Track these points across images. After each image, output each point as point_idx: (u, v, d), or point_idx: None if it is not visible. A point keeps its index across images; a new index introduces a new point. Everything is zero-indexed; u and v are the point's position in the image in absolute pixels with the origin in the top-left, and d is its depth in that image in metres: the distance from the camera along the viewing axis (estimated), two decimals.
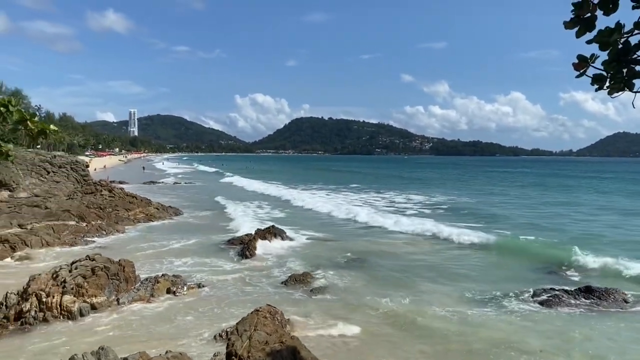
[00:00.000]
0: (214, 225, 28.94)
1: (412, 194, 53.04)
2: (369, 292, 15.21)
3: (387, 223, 26.73)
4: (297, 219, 31.80)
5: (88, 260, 14.27)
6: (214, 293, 15.00)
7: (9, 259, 18.78)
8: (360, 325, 12.11)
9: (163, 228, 27.96)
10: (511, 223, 30.12)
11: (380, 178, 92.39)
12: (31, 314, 11.71)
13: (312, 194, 53.15)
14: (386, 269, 18.39)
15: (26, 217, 25.54)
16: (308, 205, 37.92)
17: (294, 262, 19.27)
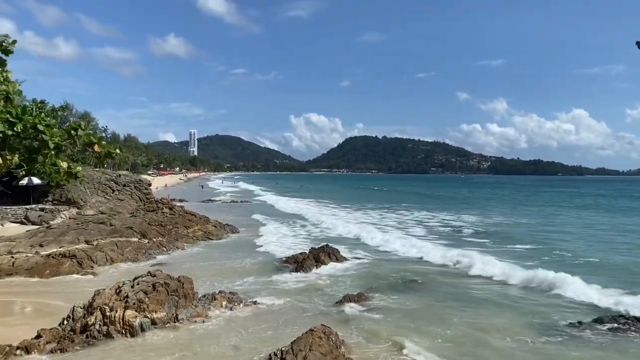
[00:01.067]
0: (268, 243, 29.23)
1: (466, 214, 51.70)
2: (426, 315, 14.80)
3: (435, 257, 24.66)
4: (350, 239, 31.66)
5: (149, 276, 14.72)
6: (268, 311, 15.07)
7: (76, 274, 19.68)
8: (417, 349, 11.79)
9: (220, 246, 28.53)
10: (574, 258, 24.82)
11: (434, 198, 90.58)
12: (96, 327, 12.16)
13: (364, 212, 52.88)
14: (443, 293, 17.83)
15: (92, 233, 26.76)
16: (358, 233, 37.41)
17: (348, 282, 19.10)
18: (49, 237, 25.46)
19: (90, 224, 29.26)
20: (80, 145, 5.44)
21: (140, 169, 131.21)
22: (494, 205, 71.52)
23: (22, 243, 24.12)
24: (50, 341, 11.71)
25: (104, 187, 42.77)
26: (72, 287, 17.83)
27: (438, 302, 16.39)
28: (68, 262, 20.36)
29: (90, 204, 39.05)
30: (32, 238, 25.52)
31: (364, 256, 24.94)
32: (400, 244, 28.59)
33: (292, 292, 17.67)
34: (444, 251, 25.54)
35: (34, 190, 37.52)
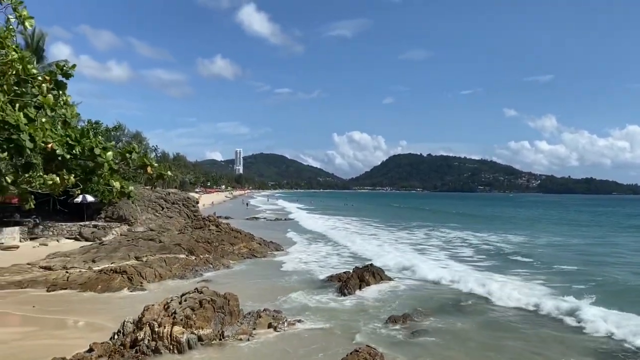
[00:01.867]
0: (312, 262, 29.23)
1: (513, 234, 50.12)
2: (475, 340, 14.37)
3: (479, 281, 23.38)
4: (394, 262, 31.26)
5: (196, 293, 14.98)
6: (312, 330, 15.01)
7: (127, 290, 20.25)
8: None
9: (264, 263, 28.75)
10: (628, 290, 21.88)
11: (481, 218, 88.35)
12: (145, 342, 12.43)
13: (409, 232, 52.21)
14: (489, 319, 17.20)
15: (142, 249, 27.53)
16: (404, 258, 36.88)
17: (393, 303, 18.80)
18: (101, 253, 26.38)
19: (140, 241, 30.14)
20: (133, 167, 5.64)
21: (188, 187, 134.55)
22: (542, 225, 68.93)
23: (76, 258, 25.08)
24: (102, 355, 12.04)
25: (153, 205, 44.13)
26: (122, 302, 18.35)
27: (485, 329, 15.91)
28: (119, 277, 20.98)
29: (141, 221, 40.30)
30: (85, 254, 26.51)
31: (409, 277, 24.52)
32: (444, 266, 27.99)
33: (335, 311, 17.55)
34: (488, 275, 24.77)
35: (88, 208, 39.08)
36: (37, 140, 4.71)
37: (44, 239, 33.15)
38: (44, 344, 12.99)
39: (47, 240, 32.89)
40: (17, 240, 31.65)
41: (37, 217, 35.72)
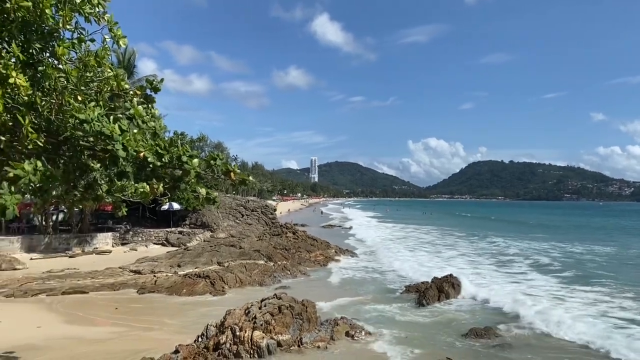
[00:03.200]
0: (389, 271, 28.85)
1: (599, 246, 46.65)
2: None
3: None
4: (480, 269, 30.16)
5: (275, 299, 15.24)
6: (390, 341, 14.77)
7: (209, 294, 21.00)
8: None
9: (340, 271, 28.74)
10: None
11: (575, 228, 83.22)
12: (226, 346, 12.79)
13: (490, 242, 50.19)
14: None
15: (224, 255, 28.51)
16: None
17: (475, 315, 18.11)
18: (186, 258, 27.62)
19: (222, 247, 31.24)
20: (218, 173, 5.83)
21: (266, 195, 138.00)
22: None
23: (163, 263, 26.42)
24: (187, 357, 12.52)
25: (234, 212, 45.64)
26: (205, 306, 19.04)
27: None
28: (202, 282, 21.83)
29: (222, 227, 41.78)
30: (171, 259, 27.87)
31: (489, 289, 23.52)
32: (524, 280, 26.59)
33: (414, 322, 17.18)
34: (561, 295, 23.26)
35: (174, 215, 41.12)
36: (129, 149, 4.97)
37: (133, 244, 35.24)
38: (134, 344, 13.73)
39: (136, 245, 34.94)
40: (110, 246, 33.86)
41: (128, 224, 38.07)
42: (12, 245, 29.40)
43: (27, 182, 4.20)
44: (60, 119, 5.00)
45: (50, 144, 5.26)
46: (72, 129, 4.96)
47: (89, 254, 30.77)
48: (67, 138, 5.16)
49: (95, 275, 22.86)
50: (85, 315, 16.98)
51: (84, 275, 22.77)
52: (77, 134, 5.02)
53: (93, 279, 22.20)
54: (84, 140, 5.11)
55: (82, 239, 32.81)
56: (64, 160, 5.62)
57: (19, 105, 4.45)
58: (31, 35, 4.58)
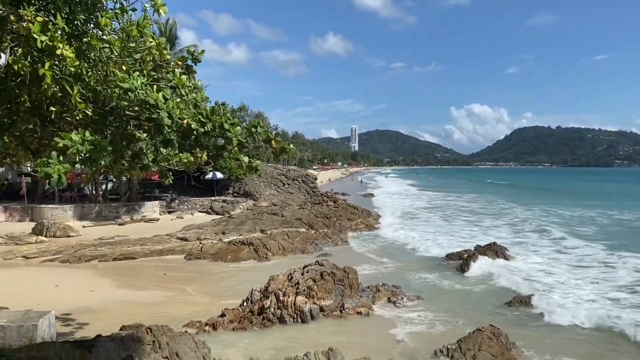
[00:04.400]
0: (432, 239, 28.69)
1: None
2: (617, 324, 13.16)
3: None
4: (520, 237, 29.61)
5: (317, 265, 15.46)
6: (432, 307, 14.78)
7: (253, 260, 21.51)
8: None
9: (381, 239, 28.78)
10: None
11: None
12: (271, 310, 13.14)
13: (544, 210, 48.99)
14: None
15: (266, 223, 29.02)
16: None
17: (518, 283, 17.80)
18: (230, 226, 28.28)
19: (265, 215, 31.78)
20: (259, 141, 5.86)
21: (307, 164, 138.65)
22: None
23: (208, 230, 27.16)
24: (233, 320, 12.96)
25: (275, 181, 46.20)
26: (249, 271, 19.54)
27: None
28: (246, 249, 22.35)
29: (264, 196, 42.42)
30: (216, 226, 28.60)
31: (535, 255, 23.11)
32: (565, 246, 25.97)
33: (456, 289, 17.14)
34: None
35: (217, 184, 41.97)
36: (174, 117, 5.06)
37: (179, 212, 36.29)
38: (182, 307, 14.28)
39: (182, 213, 35.97)
40: (157, 214, 35.00)
41: (174, 193, 39.17)
42: (65, 214, 30.81)
43: (76, 152, 4.33)
44: (106, 90, 5.12)
45: (97, 114, 5.41)
46: (117, 99, 5.07)
47: (138, 221, 31.91)
48: (113, 108, 5.28)
49: (144, 242, 23.75)
50: (135, 281, 17.75)
51: (133, 242, 23.69)
52: (123, 104, 5.13)
53: (142, 246, 23.08)
54: (130, 110, 5.23)
55: (131, 207, 34.01)
56: (110, 130, 5.78)
57: (67, 77, 4.57)
58: (75, 7, 4.65)
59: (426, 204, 54.71)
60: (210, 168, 7.30)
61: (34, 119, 5.24)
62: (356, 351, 10.44)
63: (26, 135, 5.93)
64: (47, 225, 25.98)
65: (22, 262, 20.43)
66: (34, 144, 6.17)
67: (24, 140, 6.04)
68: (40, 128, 5.57)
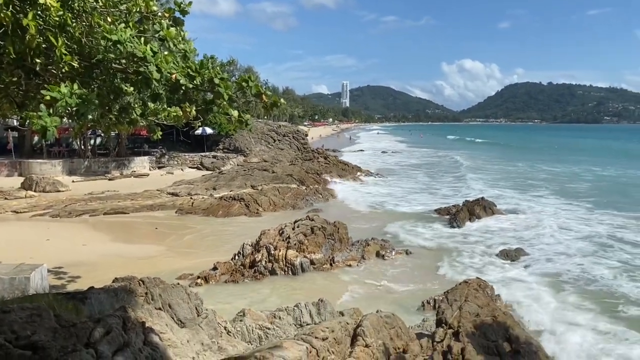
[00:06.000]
0: (419, 193, 29.00)
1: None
2: (601, 279, 13.56)
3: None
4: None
5: (308, 220, 15.65)
6: (420, 260, 15.15)
7: (244, 215, 21.68)
8: (571, 306, 10.98)
9: (372, 193, 29.03)
10: None
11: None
12: (262, 263, 13.38)
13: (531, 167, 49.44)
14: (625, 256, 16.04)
15: (257, 179, 29.08)
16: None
17: (505, 237, 18.25)
18: (220, 182, 28.32)
19: (255, 171, 31.80)
20: (250, 96, 5.80)
21: (297, 121, 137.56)
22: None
23: (199, 186, 27.19)
24: (225, 273, 13.20)
25: (266, 137, 45.97)
26: (241, 226, 19.72)
27: (613, 265, 14.92)
28: (237, 204, 22.46)
29: (255, 152, 42.32)
30: (207, 182, 28.63)
31: (521, 211, 23.52)
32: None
33: (444, 243, 17.47)
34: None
35: (207, 139, 41.71)
36: (163, 71, 4.98)
37: (169, 167, 36.18)
38: (175, 261, 14.49)
39: (172, 169, 35.87)
40: (147, 169, 34.88)
41: (163, 148, 38.93)
42: (54, 169, 30.59)
43: (64, 105, 4.27)
44: (91, 41, 5.00)
45: (83, 67, 5.31)
46: (104, 51, 4.97)
47: (127, 177, 31.82)
48: (100, 61, 5.18)
49: (134, 197, 23.77)
50: (127, 235, 17.87)
51: (123, 197, 23.70)
52: (109, 56, 5.02)
53: (133, 201, 23.11)
54: (117, 63, 5.13)
55: (120, 162, 33.83)
56: (97, 83, 5.69)
57: (51, 27, 4.45)
58: None
59: (416, 161, 54.99)
60: (199, 123, 7.25)
61: (18, 71, 5.14)
62: (345, 302, 10.74)
63: (11, 88, 5.82)
64: (36, 180, 25.82)
65: (13, 216, 20.42)
66: (19, 97, 6.07)
67: (8, 93, 5.93)
68: (24, 80, 5.46)
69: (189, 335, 5.97)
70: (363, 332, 6.71)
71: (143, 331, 4.61)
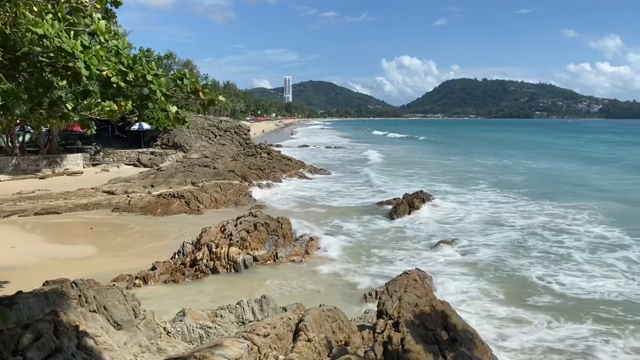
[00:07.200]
0: (359, 187, 29.49)
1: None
2: (525, 266, 14.32)
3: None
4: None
5: (251, 217, 15.56)
6: (362, 253, 15.42)
7: (185, 213, 21.24)
8: (506, 299, 11.58)
9: (314, 188, 29.23)
10: None
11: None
12: (203, 262, 13.18)
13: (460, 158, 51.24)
14: (551, 243, 16.97)
15: (198, 175, 28.54)
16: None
17: (443, 228, 18.92)
18: (159, 179, 27.57)
19: (196, 167, 31.19)
20: (186, 92, 5.70)
21: (239, 116, 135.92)
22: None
23: (136, 184, 26.36)
24: (164, 272, 12.91)
25: (207, 132, 45.15)
26: (181, 224, 19.30)
27: (536, 254, 15.79)
28: (177, 202, 21.97)
29: (195, 148, 41.48)
30: (144, 179, 27.79)
31: (456, 202, 24.46)
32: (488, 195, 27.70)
33: (386, 235, 17.87)
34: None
35: (144, 135, 40.48)
36: (92, 68, 4.80)
37: (105, 165, 34.86)
38: (111, 262, 13.99)
39: (108, 166, 34.58)
40: (81, 167, 33.44)
41: (98, 145, 37.41)
42: None
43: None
44: (16, 33, 4.75)
45: (8, 59, 5.03)
46: (29, 44, 4.72)
47: (60, 175, 30.39)
48: (26, 54, 4.93)
49: (67, 196, 22.74)
50: (60, 236, 17.09)
51: (55, 197, 22.62)
52: (36, 49, 4.79)
53: (65, 200, 22.10)
54: (44, 56, 4.90)
55: (52, 160, 32.23)
56: (24, 77, 5.42)
57: None
58: None
59: (359, 156, 55.75)
60: (135, 118, 7.04)
61: None
62: (289, 298, 10.79)
63: None
64: None
65: None
66: None
67: None
68: None
69: (126, 338, 5.82)
70: (305, 327, 6.77)
71: (76, 335, 4.45)
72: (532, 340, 9.49)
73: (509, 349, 9.21)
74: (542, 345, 9.28)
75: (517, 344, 9.33)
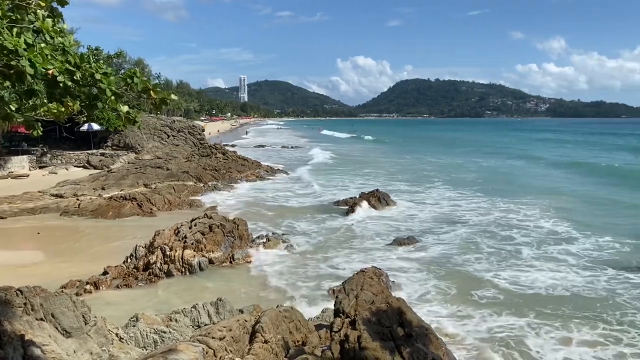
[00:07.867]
0: (319, 186, 29.59)
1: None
2: (475, 262, 14.78)
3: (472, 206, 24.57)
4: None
5: (206, 218, 15.35)
6: (320, 253, 15.48)
7: (137, 216, 20.73)
8: (456, 291, 11.93)
9: (272, 189, 29.11)
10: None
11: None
12: (157, 265, 12.90)
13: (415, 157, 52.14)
14: (506, 241, 17.54)
15: (150, 177, 27.91)
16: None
17: (399, 226, 19.26)
18: (110, 181, 26.80)
19: (148, 168, 30.48)
20: (137, 92, 5.58)
21: (193, 115, 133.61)
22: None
23: (86, 186, 25.51)
24: (116, 277, 12.56)
25: (159, 133, 44.16)
26: (133, 227, 18.82)
27: (490, 251, 16.29)
28: (129, 204, 21.41)
29: (147, 149, 40.50)
30: (94, 181, 26.94)
31: (411, 200, 24.94)
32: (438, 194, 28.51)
33: (342, 234, 18.01)
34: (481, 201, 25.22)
35: (94, 136, 39.21)
36: (37, 67, 4.63)
37: (52, 167, 33.55)
38: (60, 268, 13.49)
39: (56, 168, 33.30)
40: (27, 169, 32.08)
41: (45, 146, 35.96)
42: None
43: None
44: None
45: None
46: None
47: (4, 178, 29.04)
48: None
49: (12, 200, 21.75)
50: (5, 242, 16.34)
51: (0, 200, 21.62)
52: None
53: (10, 204, 21.14)
54: None
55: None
56: None
57: None
58: None
59: (316, 156, 55.90)
60: (84, 118, 6.83)
61: None
62: (246, 300, 10.71)
63: None
64: None
65: None
66: None
67: None
68: None
69: (75, 345, 5.63)
70: (262, 329, 6.75)
71: (22, 345, 4.28)
72: (471, 332, 9.83)
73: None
74: (479, 337, 9.63)
75: (460, 337, 9.65)
